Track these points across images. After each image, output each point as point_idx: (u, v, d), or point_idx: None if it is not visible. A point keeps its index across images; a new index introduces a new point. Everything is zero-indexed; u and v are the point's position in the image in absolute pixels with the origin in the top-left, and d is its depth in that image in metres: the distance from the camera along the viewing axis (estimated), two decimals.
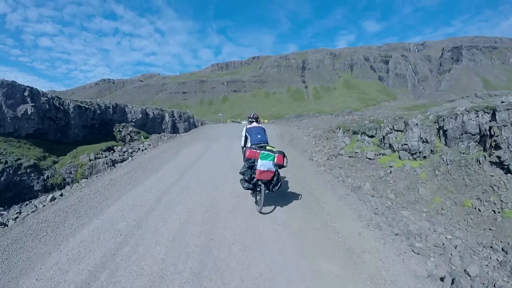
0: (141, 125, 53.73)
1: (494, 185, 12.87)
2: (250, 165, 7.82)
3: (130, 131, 49.29)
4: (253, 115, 9.45)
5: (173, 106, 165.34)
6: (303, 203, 8.76)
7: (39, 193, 27.38)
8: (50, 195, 12.18)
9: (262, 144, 8.28)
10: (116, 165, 27.15)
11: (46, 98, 37.10)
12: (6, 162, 28.00)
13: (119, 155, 33.85)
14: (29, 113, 34.05)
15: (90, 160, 30.68)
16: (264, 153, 7.70)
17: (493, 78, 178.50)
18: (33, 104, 34.75)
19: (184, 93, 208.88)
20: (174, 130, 61.68)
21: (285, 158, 7.95)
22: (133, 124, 51.95)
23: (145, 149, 37.21)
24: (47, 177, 29.17)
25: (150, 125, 55.93)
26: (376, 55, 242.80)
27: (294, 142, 21.83)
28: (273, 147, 8.18)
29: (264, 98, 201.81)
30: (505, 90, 75.58)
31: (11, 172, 26.94)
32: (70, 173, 29.13)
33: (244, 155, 8.27)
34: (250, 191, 8.77)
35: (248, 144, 8.71)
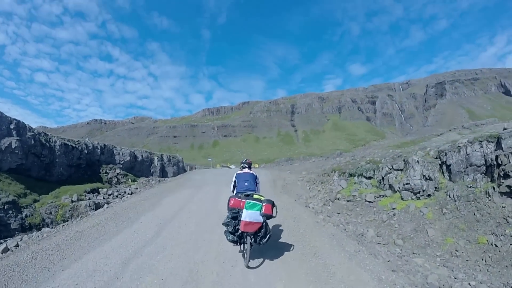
0: (129, 168, 51.56)
1: (508, 216, 11.53)
2: (234, 216, 6.96)
3: (118, 173, 47.17)
4: (245, 161, 8.69)
5: (163, 150, 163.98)
6: (307, 268, 7.03)
7: (16, 232, 25.05)
8: (3, 245, 10.28)
9: (249, 193, 7.36)
10: (90, 212, 25.41)
11: (32, 133, 34.98)
12: None
13: (104, 198, 31.64)
14: (13, 147, 31.79)
15: (72, 201, 28.47)
16: (250, 202, 6.88)
17: (477, 108, 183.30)
18: (18, 138, 32.61)
19: (174, 137, 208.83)
20: (163, 174, 59.48)
21: (274, 208, 7.07)
22: (121, 166, 49.60)
23: (132, 193, 35.23)
24: (26, 215, 26.84)
25: (138, 168, 53.86)
26: (363, 96, 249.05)
27: (287, 188, 20.18)
28: (261, 196, 7.26)
29: (254, 142, 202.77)
30: (491, 119, 76.72)
31: None
32: (50, 213, 26.89)
33: (228, 204, 7.16)
34: (235, 245, 7.42)
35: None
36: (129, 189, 37.59)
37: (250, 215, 6.70)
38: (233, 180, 8.22)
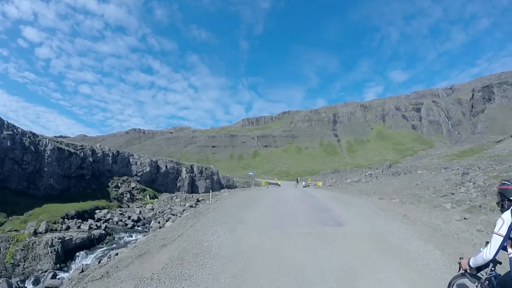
0: (149, 181, 42.43)
1: None
2: None
3: (133, 188, 38.18)
4: None
5: (201, 160, 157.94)
6: None
7: None
8: None
9: None
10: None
11: (11, 133, 25.97)
12: None
13: (91, 227, 22.15)
14: None
15: (36, 233, 19.38)
16: None
17: None
18: None
19: (213, 147, 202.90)
20: (193, 189, 49.62)
21: None
22: (139, 178, 40.51)
23: (133, 229, 25.80)
24: None
25: (161, 181, 44.64)
26: (406, 103, 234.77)
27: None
28: None
29: (296, 153, 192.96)
30: None
31: None
32: None
33: None
34: None
35: None
36: (139, 212, 28.33)
37: None
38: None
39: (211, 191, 32.18)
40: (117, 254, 10.60)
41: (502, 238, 3.68)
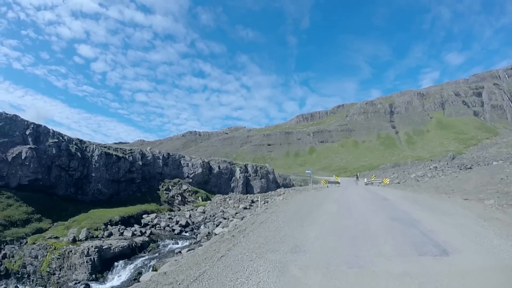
0: (202, 182, 41.37)
1: None
2: None
3: (185, 190, 37.18)
4: None
5: (257, 159, 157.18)
6: None
7: None
8: None
9: None
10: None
11: (56, 141, 25.99)
12: None
13: (133, 235, 20.77)
14: (23, 157, 23.25)
15: (75, 240, 18.35)
16: None
17: None
18: (34, 146, 24.17)
19: (269, 145, 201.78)
20: (247, 189, 48.52)
21: None
22: (190, 180, 39.58)
23: (179, 235, 24.21)
24: (5, 256, 17.04)
25: (214, 182, 43.59)
26: (466, 88, 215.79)
27: None
28: None
29: (353, 147, 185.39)
30: None
31: None
32: (36, 257, 16.71)
33: None
34: None
35: None
36: (188, 216, 26.85)
37: None
38: None
39: (260, 195, 29.95)
40: None
41: None
